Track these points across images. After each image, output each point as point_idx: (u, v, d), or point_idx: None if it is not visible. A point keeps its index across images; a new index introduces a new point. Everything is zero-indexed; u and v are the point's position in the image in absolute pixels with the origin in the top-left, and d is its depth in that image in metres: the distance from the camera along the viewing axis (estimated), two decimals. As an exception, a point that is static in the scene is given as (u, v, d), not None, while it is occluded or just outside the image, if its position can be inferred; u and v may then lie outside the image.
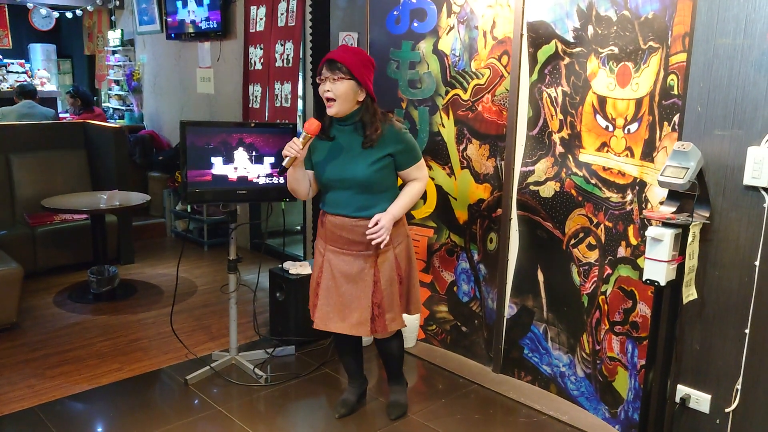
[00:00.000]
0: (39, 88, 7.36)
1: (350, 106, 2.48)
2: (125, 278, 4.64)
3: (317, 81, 2.52)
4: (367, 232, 2.49)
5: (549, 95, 2.82)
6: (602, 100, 2.61)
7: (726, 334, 2.32)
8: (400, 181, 2.65)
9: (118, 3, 7.22)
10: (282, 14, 4.54)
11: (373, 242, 2.49)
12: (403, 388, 2.93)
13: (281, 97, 4.60)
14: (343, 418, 2.84)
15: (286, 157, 2.46)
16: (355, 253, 2.59)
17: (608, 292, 2.65)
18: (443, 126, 3.26)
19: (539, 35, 2.80)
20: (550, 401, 2.95)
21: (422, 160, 2.63)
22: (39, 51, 9.40)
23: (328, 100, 2.46)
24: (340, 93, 2.44)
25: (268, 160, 3.01)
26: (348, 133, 2.55)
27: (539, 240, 2.96)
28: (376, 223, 2.48)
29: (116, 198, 4.39)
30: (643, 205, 2.47)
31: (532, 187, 2.94)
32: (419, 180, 2.62)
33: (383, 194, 2.57)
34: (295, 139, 2.48)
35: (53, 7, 8.08)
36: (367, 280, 2.58)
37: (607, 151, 2.63)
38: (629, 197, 2.55)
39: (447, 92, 3.21)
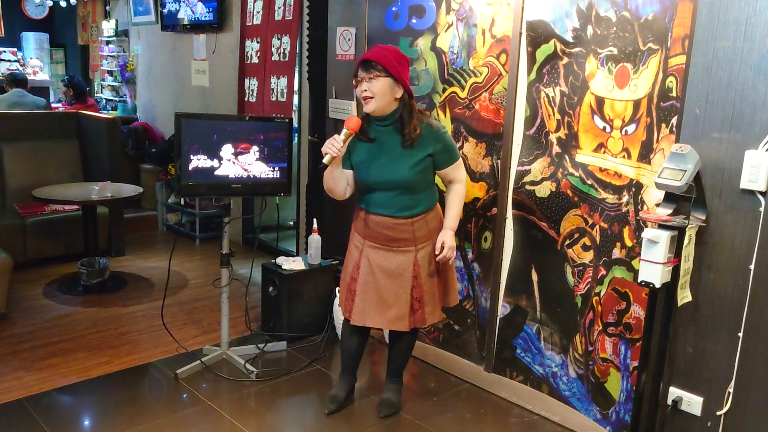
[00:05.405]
0: (31, 77, 7.30)
1: (388, 103, 2.47)
2: (116, 270, 4.60)
3: (353, 84, 2.51)
4: (437, 259, 2.55)
5: (547, 95, 2.81)
6: (600, 101, 2.61)
7: (719, 337, 2.32)
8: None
9: (113, -7, 7.18)
10: (279, 8, 4.52)
11: (443, 261, 2.59)
12: (398, 388, 2.93)
13: (277, 92, 4.57)
14: (332, 415, 2.83)
15: (326, 154, 2.42)
16: (395, 248, 2.60)
17: (602, 293, 2.65)
18: (440, 123, 3.24)
19: (538, 34, 2.79)
20: (542, 401, 2.95)
21: (461, 159, 2.65)
22: (32, 40, 9.31)
23: (366, 98, 2.45)
24: (377, 90, 2.43)
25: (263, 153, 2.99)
26: (388, 134, 2.54)
27: (534, 240, 2.95)
28: (443, 247, 2.53)
29: (108, 189, 4.36)
30: (639, 207, 2.47)
31: (527, 187, 2.93)
32: (459, 182, 2.65)
33: (423, 193, 2.60)
34: (335, 136, 2.44)
35: (47, -4, 8.02)
36: (406, 275, 2.60)
37: (604, 152, 2.62)
38: (625, 198, 2.55)
39: (444, 90, 3.19)
